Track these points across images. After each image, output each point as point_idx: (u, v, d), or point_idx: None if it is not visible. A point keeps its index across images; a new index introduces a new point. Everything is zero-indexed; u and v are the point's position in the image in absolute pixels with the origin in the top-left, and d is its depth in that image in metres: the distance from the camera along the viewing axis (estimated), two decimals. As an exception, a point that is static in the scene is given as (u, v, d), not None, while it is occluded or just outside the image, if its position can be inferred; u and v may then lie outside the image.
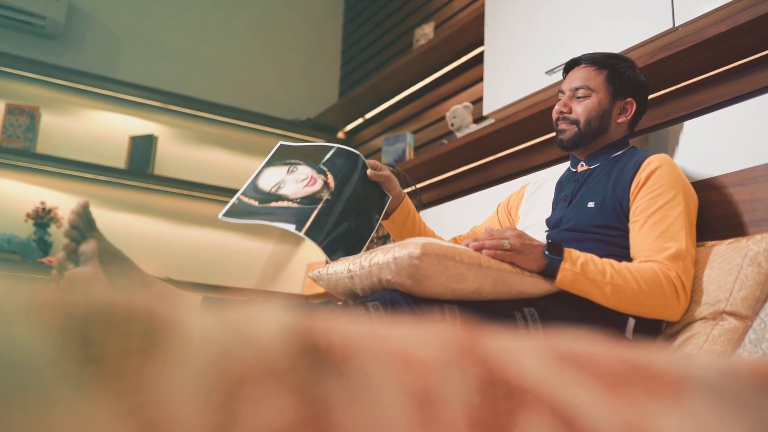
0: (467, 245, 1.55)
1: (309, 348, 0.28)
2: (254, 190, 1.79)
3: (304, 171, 1.83)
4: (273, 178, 1.82)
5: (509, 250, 1.52)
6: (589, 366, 0.35)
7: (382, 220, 1.94)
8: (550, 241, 1.56)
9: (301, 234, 1.70)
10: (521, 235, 1.55)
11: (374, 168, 1.89)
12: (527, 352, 0.33)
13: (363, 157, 1.91)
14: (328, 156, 1.88)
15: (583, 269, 1.53)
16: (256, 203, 1.75)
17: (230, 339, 0.27)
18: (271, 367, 0.27)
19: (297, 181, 1.80)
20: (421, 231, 2.01)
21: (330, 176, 1.83)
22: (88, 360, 0.25)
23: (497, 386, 0.31)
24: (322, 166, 1.85)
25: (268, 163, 1.86)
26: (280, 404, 0.26)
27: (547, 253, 1.54)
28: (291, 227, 1.70)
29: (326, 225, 1.75)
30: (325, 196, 1.78)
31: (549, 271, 1.54)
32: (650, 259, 1.60)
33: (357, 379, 0.28)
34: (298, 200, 1.76)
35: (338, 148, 1.90)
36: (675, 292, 1.56)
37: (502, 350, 0.33)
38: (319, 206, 1.76)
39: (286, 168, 1.84)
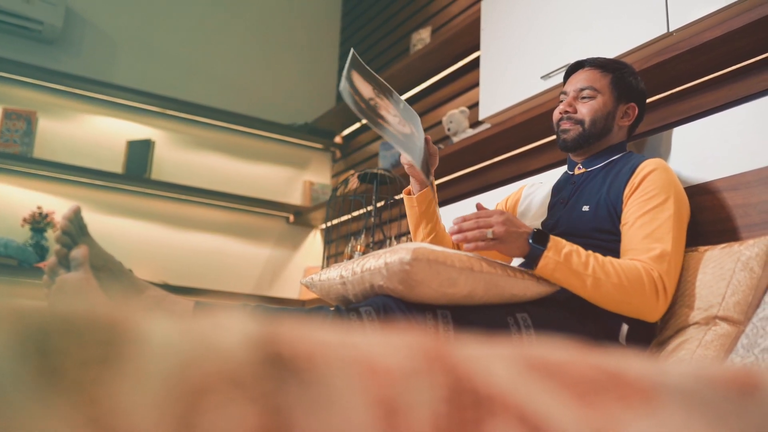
0: (451, 233, 1.56)
1: (272, 357, 0.28)
2: (354, 86, 1.62)
3: (391, 109, 1.73)
4: (364, 89, 1.68)
5: (493, 239, 1.53)
6: (560, 374, 0.35)
7: (408, 196, 1.96)
8: (536, 229, 1.57)
9: (423, 173, 1.71)
10: (507, 222, 1.55)
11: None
12: (496, 360, 0.33)
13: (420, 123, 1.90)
14: (402, 106, 1.80)
15: (567, 259, 1.54)
16: (363, 105, 1.58)
17: (191, 348, 0.27)
18: (233, 376, 0.27)
19: (392, 115, 1.70)
20: (437, 222, 1.99)
21: (414, 129, 1.79)
22: (45, 371, 0.25)
23: (465, 395, 0.31)
24: (402, 116, 1.77)
25: (353, 66, 1.70)
26: (241, 413, 0.26)
27: (530, 241, 1.55)
28: (415, 162, 1.67)
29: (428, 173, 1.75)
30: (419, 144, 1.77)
31: (531, 258, 1.55)
32: (635, 258, 1.60)
33: (321, 388, 0.28)
34: (403, 136, 1.67)
35: (405, 102, 1.85)
36: (655, 292, 1.55)
37: (470, 358, 0.33)
38: (421, 151, 1.75)
39: (371, 86, 1.71)
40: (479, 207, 1.62)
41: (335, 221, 4.28)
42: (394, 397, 0.29)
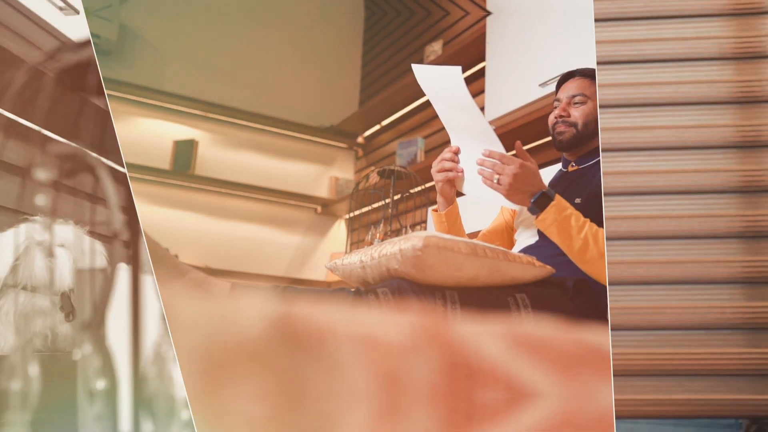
0: (478, 163, 1.67)
1: (287, 334, 0.28)
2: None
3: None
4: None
5: (499, 184, 1.60)
6: (545, 349, 0.35)
7: (438, 212, 1.94)
8: (542, 192, 1.60)
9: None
10: (517, 177, 1.59)
11: None
12: (488, 337, 0.33)
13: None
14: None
15: (566, 219, 1.58)
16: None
17: (215, 326, 0.27)
18: (251, 351, 0.27)
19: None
20: (463, 236, 1.96)
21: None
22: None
23: (458, 368, 0.31)
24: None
25: None
26: (258, 385, 0.26)
27: (532, 201, 1.60)
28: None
29: None
30: None
31: (532, 212, 1.62)
32: None
33: (330, 362, 0.28)
34: None
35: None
36: None
37: (464, 335, 0.32)
38: None
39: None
40: (518, 147, 1.65)
41: (357, 212, 4.28)
42: (394, 369, 0.29)
